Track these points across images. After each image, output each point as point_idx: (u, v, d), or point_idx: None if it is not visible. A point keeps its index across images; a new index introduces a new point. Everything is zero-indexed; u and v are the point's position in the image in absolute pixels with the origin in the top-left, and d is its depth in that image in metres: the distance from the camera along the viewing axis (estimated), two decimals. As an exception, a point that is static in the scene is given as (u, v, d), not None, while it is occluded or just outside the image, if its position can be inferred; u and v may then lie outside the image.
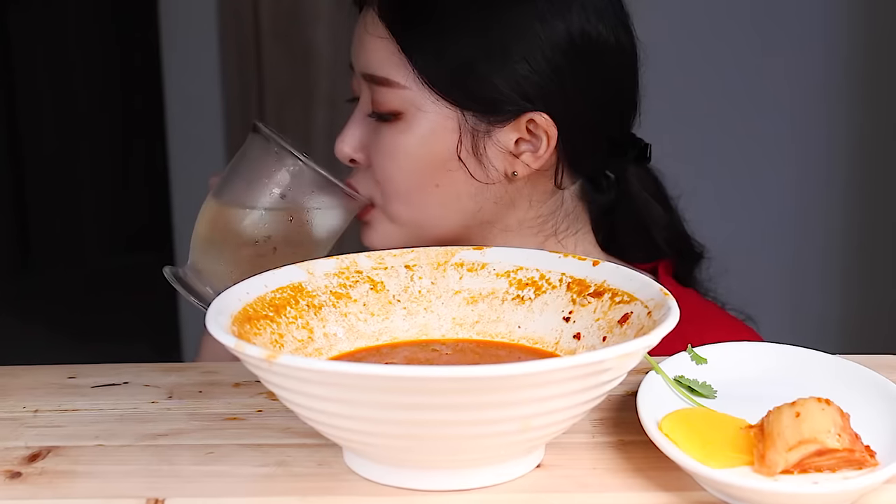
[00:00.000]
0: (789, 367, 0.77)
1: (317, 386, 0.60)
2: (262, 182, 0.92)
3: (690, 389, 0.74)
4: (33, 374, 0.85)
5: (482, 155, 1.03)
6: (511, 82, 1.01)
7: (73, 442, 0.73)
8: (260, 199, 0.92)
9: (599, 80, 1.06)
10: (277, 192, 0.93)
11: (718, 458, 0.64)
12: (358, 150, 1.07)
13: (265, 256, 0.88)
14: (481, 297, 0.80)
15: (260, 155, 0.94)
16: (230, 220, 0.90)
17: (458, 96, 1.02)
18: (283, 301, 0.75)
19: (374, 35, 1.04)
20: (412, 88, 1.02)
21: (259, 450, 0.71)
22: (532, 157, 1.04)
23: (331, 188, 0.98)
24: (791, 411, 0.63)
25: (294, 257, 0.84)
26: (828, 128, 2.52)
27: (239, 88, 2.93)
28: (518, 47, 1.01)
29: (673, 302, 0.68)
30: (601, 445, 0.71)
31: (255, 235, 0.89)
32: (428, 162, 1.03)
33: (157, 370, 0.86)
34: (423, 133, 1.03)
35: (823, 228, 2.56)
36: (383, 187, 1.05)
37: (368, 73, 1.05)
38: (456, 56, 1.02)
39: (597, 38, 1.03)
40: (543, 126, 1.03)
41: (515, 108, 1.02)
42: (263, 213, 0.91)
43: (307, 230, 0.95)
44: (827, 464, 0.63)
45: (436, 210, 1.05)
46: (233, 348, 0.62)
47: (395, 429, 0.61)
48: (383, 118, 1.04)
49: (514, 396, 0.59)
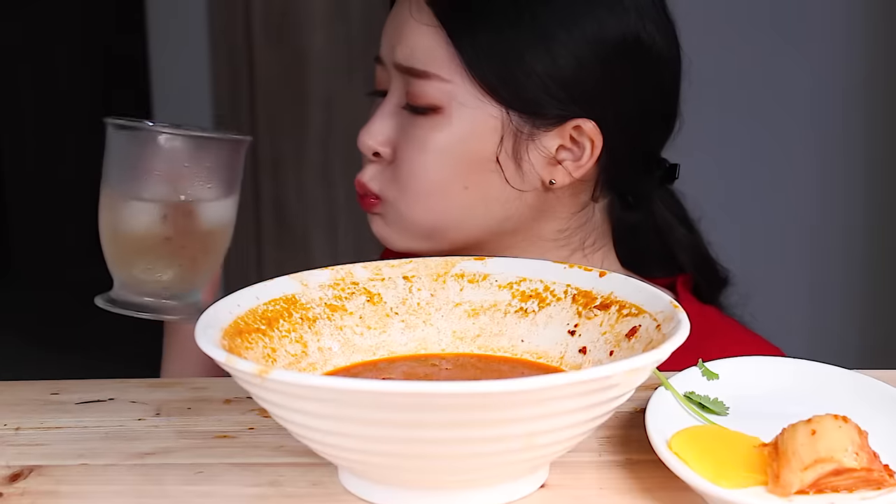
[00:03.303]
0: (804, 383, 0.77)
1: (311, 402, 0.60)
2: (132, 173, 0.89)
3: (701, 406, 0.74)
4: (14, 390, 0.86)
5: (522, 159, 1.02)
6: (562, 83, 1.00)
7: (56, 461, 0.73)
8: (138, 189, 0.88)
9: (649, 89, 1.05)
10: (151, 172, 0.88)
11: (731, 478, 0.64)
12: (385, 143, 1.05)
13: (172, 239, 0.87)
14: (483, 309, 0.80)
15: (115, 148, 0.91)
16: (119, 223, 0.89)
17: (506, 94, 1.00)
18: (275, 314, 0.75)
19: (419, 22, 1.02)
20: (455, 82, 1.00)
21: (250, 469, 0.71)
22: (574, 165, 1.03)
23: (204, 145, 0.91)
24: (806, 429, 0.63)
25: (203, 226, 0.83)
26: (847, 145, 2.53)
27: (229, 91, 2.93)
28: (572, 46, 1.00)
29: (683, 315, 0.68)
30: (608, 464, 0.71)
31: (149, 224, 0.87)
32: (463, 161, 1.02)
33: (144, 386, 0.86)
34: (464, 130, 1.01)
35: (843, 242, 2.57)
36: (405, 183, 1.03)
37: (407, 65, 1.02)
38: (509, 50, 1.00)
39: (650, 45, 1.03)
40: (589, 134, 1.02)
41: (563, 112, 1.01)
42: (146, 200, 0.88)
43: (201, 194, 0.91)
44: (844, 484, 0.63)
45: (457, 213, 1.03)
46: (223, 363, 0.62)
47: (393, 447, 0.61)
48: (418, 111, 1.02)
49: (517, 413, 0.59)
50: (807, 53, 2.49)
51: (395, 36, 1.04)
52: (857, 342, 2.60)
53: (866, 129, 2.51)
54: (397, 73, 1.04)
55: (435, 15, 1.01)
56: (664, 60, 1.05)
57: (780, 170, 2.54)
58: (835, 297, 2.59)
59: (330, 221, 3.00)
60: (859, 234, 2.56)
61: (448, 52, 1.00)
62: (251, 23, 2.91)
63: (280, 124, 2.97)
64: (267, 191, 2.99)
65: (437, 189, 1.02)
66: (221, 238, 0.90)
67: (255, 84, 2.94)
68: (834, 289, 2.59)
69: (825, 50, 2.49)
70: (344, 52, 2.91)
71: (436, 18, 1.01)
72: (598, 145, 1.02)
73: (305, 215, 3.00)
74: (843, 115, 2.51)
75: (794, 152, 2.53)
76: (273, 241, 3.03)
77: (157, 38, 2.88)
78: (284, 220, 3.01)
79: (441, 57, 1.01)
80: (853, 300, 2.60)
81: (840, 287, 2.59)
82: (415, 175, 1.03)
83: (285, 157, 2.98)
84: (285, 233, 3.02)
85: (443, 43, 1.01)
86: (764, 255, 2.51)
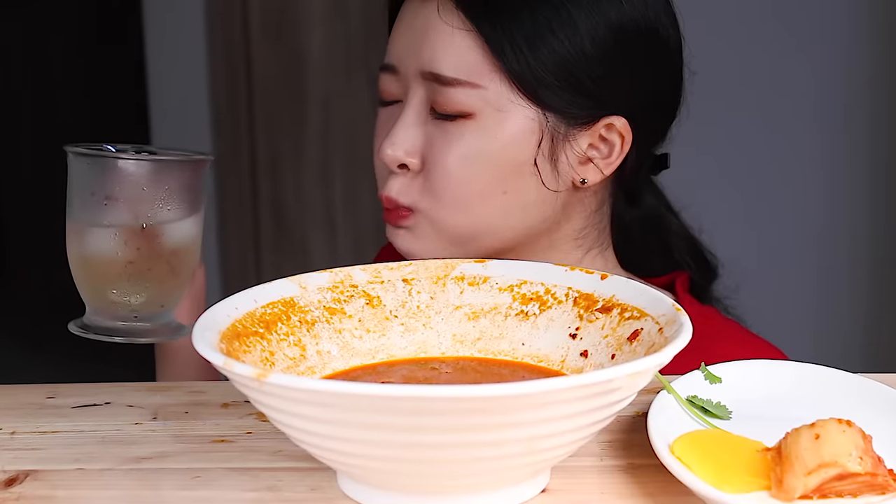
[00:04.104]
0: (808, 387, 0.77)
1: (309, 406, 0.60)
2: (92, 199, 0.89)
3: (704, 410, 0.74)
4: (10, 394, 0.86)
5: (558, 160, 1.01)
6: (596, 81, 0.99)
7: (52, 465, 0.73)
8: (99, 216, 0.89)
9: (665, 81, 1.06)
10: (110, 198, 0.89)
11: (733, 483, 0.64)
12: (412, 153, 1.02)
13: (136, 263, 0.88)
14: (483, 312, 0.81)
15: (76, 175, 0.92)
16: (84, 250, 0.89)
17: (545, 95, 0.99)
18: (273, 317, 0.75)
19: (448, 25, 0.99)
20: (489, 87, 0.98)
21: (248, 474, 0.72)
22: (604, 163, 1.03)
23: (163, 168, 0.91)
24: (810, 433, 0.63)
25: (167, 247, 0.84)
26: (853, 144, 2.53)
27: (227, 89, 2.94)
28: (601, 43, 0.99)
29: (686, 318, 0.69)
30: (610, 469, 0.71)
31: (112, 250, 0.88)
32: (501, 166, 1.00)
33: (141, 390, 0.87)
34: (502, 136, 0.99)
35: (848, 244, 2.57)
36: (442, 193, 1.01)
37: (434, 72, 0.99)
38: (546, 50, 0.98)
39: (666, 37, 1.03)
40: (620, 130, 1.01)
41: (597, 110, 1.00)
42: (107, 227, 0.89)
43: (162, 216, 0.91)
44: (848, 489, 0.63)
45: (496, 220, 1.02)
46: (221, 367, 0.62)
47: (392, 452, 0.61)
48: (447, 117, 1.00)
49: (518, 417, 0.59)
50: (812, 54, 2.49)
51: (417, 41, 1.01)
52: (862, 345, 2.60)
53: (872, 129, 2.51)
54: (420, 80, 1.01)
55: (468, 18, 0.98)
56: (675, 51, 1.06)
57: (786, 171, 2.54)
58: (840, 298, 2.59)
59: (328, 222, 3.00)
60: (865, 235, 2.56)
61: (483, 57, 0.98)
62: (248, 20, 2.91)
63: (278, 123, 2.97)
64: (265, 190, 2.99)
65: (478, 196, 1.00)
66: (187, 257, 0.91)
67: (253, 82, 2.94)
68: (839, 290, 2.59)
69: (830, 50, 2.49)
70: (343, 51, 2.91)
71: (469, 21, 0.98)
72: (628, 141, 1.02)
73: (304, 216, 3.00)
74: (849, 115, 2.51)
75: (801, 152, 2.53)
76: (271, 243, 3.03)
77: (153, 36, 2.88)
78: (283, 222, 3.01)
79: (475, 62, 0.98)
80: (858, 302, 2.60)
81: (845, 289, 2.59)
82: (453, 183, 1.00)
83: (283, 156, 2.98)
84: (283, 235, 3.02)
85: (476, 46, 0.98)
86: (769, 257, 2.51)
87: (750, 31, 2.51)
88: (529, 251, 1.06)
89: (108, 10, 4.18)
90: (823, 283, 2.59)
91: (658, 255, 1.16)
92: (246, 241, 3.03)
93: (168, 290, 0.90)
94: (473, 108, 0.99)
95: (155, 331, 0.91)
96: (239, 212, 2.99)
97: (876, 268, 2.57)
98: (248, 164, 2.95)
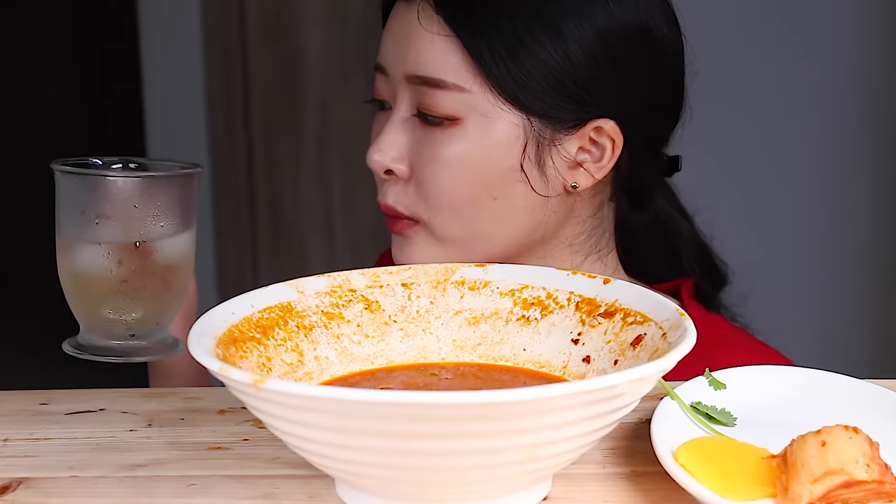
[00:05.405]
0: (814, 393, 0.77)
1: (307, 413, 0.60)
2: (82, 217, 0.89)
3: (708, 417, 0.74)
4: (3, 400, 0.86)
5: (545, 165, 1.01)
6: (579, 83, 0.99)
7: (45, 473, 0.73)
8: (90, 234, 0.89)
9: (661, 82, 1.06)
10: (100, 216, 0.89)
11: (738, 491, 0.64)
12: (399, 160, 1.03)
13: (130, 281, 0.88)
14: (484, 317, 0.80)
15: (64, 193, 0.91)
16: (75, 269, 0.89)
17: (526, 100, 0.99)
18: (270, 322, 0.75)
19: (428, 31, 1.00)
20: (473, 91, 0.99)
21: (245, 481, 0.71)
22: (595, 167, 1.03)
23: (153, 184, 0.90)
24: (816, 440, 0.63)
25: (160, 263, 0.84)
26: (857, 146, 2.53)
27: (223, 91, 2.94)
28: (585, 43, 0.99)
29: (690, 323, 0.68)
30: (612, 477, 0.71)
31: (104, 268, 0.88)
32: (488, 172, 1.00)
33: (136, 396, 0.86)
34: (486, 141, 1.00)
35: (853, 248, 2.57)
36: (432, 200, 1.01)
37: (419, 75, 1.00)
38: (525, 54, 0.98)
39: (661, 38, 1.03)
40: (609, 133, 1.02)
41: (583, 113, 1.01)
42: (99, 244, 0.89)
43: (154, 233, 0.91)
44: (855, 496, 0.63)
45: (489, 225, 1.02)
46: (217, 372, 0.62)
47: (392, 459, 0.61)
48: (433, 122, 1.00)
49: (519, 424, 0.59)
50: (816, 55, 2.49)
51: (402, 45, 1.02)
52: (869, 349, 2.60)
53: (877, 131, 2.51)
54: (406, 84, 1.02)
55: (446, 23, 0.99)
56: (672, 52, 1.06)
57: (789, 172, 2.54)
58: (845, 302, 2.60)
59: (326, 225, 3.00)
60: (870, 238, 2.56)
61: (463, 61, 0.99)
62: (245, 22, 2.91)
63: (275, 125, 2.97)
64: (262, 192, 2.99)
65: (469, 202, 1.01)
66: (181, 272, 0.90)
67: (250, 84, 2.94)
68: (844, 294, 2.59)
69: (835, 51, 2.49)
70: (340, 53, 2.92)
71: (447, 27, 0.99)
72: (619, 144, 1.02)
73: (301, 219, 3.00)
74: (854, 117, 2.51)
75: (804, 155, 2.53)
76: (268, 246, 3.03)
77: (149, 36, 2.88)
78: (280, 225, 3.01)
79: (456, 66, 0.99)
80: (864, 305, 2.60)
81: (850, 293, 2.59)
82: (441, 191, 1.01)
83: (281, 158, 2.98)
84: (281, 238, 3.02)
85: (456, 52, 0.99)
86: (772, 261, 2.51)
87: (753, 31, 2.51)
88: (527, 258, 1.06)
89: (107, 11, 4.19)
90: (828, 286, 2.60)
91: (664, 259, 1.16)
92: (243, 245, 3.03)
93: (163, 305, 0.90)
94: (460, 113, 0.99)
95: (151, 348, 0.90)
96: (236, 214, 2.99)
97: (881, 272, 2.57)
98: (245, 166, 2.95)
